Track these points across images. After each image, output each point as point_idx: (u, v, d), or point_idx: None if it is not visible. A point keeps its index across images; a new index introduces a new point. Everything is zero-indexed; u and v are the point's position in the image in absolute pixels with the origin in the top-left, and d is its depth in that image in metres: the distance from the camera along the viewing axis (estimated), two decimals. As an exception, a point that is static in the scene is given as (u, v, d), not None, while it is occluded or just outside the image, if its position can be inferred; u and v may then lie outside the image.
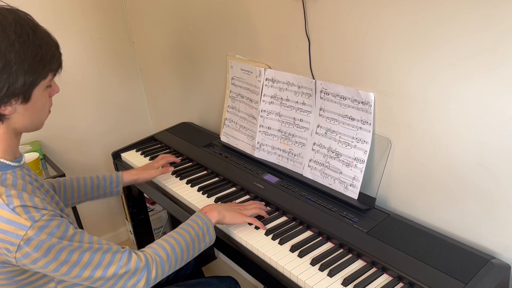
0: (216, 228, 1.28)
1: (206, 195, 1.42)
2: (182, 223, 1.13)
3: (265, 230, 1.21)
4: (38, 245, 0.85)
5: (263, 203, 1.34)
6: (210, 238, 1.14)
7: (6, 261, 0.89)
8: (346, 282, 1.01)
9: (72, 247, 0.89)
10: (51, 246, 0.86)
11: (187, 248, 1.07)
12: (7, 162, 0.93)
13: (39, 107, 0.93)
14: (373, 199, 1.24)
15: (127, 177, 1.46)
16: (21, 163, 0.97)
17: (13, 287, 0.93)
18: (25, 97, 0.88)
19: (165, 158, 1.59)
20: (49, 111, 0.99)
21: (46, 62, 0.88)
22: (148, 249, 1.04)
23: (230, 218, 1.20)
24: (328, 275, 1.04)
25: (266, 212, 1.28)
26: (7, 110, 0.88)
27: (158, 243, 1.05)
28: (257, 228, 1.22)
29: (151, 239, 2.10)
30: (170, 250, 1.04)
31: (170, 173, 1.57)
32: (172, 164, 1.63)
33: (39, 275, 0.96)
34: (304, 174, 1.42)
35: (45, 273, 0.91)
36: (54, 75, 0.94)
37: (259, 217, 1.27)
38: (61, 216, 0.92)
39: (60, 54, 0.94)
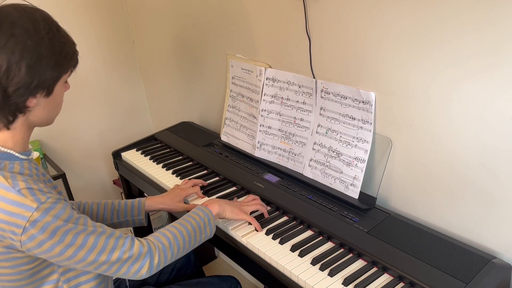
0: (216, 228, 1.27)
1: (206, 194, 1.42)
2: (184, 215, 1.14)
3: (262, 231, 1.21)
4: (44, 226, 0.86)
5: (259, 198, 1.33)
6: (211, 230, 1.15)
7: (11, 246, 0.89)
8: (346, 281, 1.01)
9: (77, 229, 0.90)
10: (56, 228, 0.87)
11: (189, 237, 1.08)
12: (16, 154, 0.95)
13: (57, 102, 0.97)
14: (374, 199, 1.24)
15: (151, 205, 1.34)
16: (30, 157, 0.99)
17: (17, 277, 0.93)
18: (49, 91, 0.92)
19: (193, 190, 1.41)
20: (61, 108, 1.02)
21: (69, 58, 0.94)
22: (151, 237, 1.05)
23: (230, 212, 1.21)
24: (328, 274, 1.04)
25: (266, 210, 1.28)
26: (32, 102, 0.91)
27: (160, 232, 1.06)
28: (257, 230, 1.22)
29: (151, 239, 2.09)
30: (172, 238, 1.05)
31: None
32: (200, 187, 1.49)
33: (43, 265, 0.96)
34: (304, 174, 1.41)
35: (49, 258, 0.91)
36: (71, 71, 0.98)
37: (260, 216, 1.27)
38: (65, 201, 0.93)
39: (77, 51, 0.98)
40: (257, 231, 1.22)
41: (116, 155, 1.81)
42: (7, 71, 0.84)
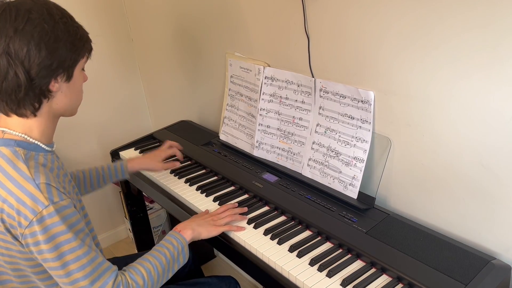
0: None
1: (204, 194, 1.41)
2: (157, 244, 1.13)
3: (243, 231, 1.21)
4: (47, 227, 0.88)
5: (236, 204, 1.31)
6: (184, 258, 1.14)
7: (16, 236, 0.92)
8: (345, 282, 1.00)
9: (75, 243, 0.91)
10: (57, 234, 0.89)
11: (162, 271, 1.07)
12: (42, 145, 1.00)
13: (78, 88, 1.03)
14: (373, 199, 1.23)
15: (133, 166, 1.49)
16: (53, 149, 1.05)
17: (32, 263, 0.96)
18: (69, 75, 0.97)
19: (172, 147, 1.59)
20: (82, 98, 1.08)
21: (84, 41, 0.99)
22: (128, 273, 1.02)
23: (206, 232, 1.19)
24: (327, 275, 1.03)
25: (240, 213, 1.27)
26: (55, 87, 0.96)
27: (135, 268, 1.04)
28: (256, 227, 1.21)
29: (149, 238, 2.09)
30: (146, 275, 1.03)
31: (172, 169, 1.57)
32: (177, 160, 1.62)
33: None
34: (303, 173, 1.41)
35: (40, 260, 0.93)
36: (87, 58, 1.04)
37: (259, 216, 1.26)
38: (75, 208, 0.96)
39: (91, 40, 1.03)
40: (256, 228, 1.22)
41: (114, 154, 1.81)
42: (28, 53, 0.89)
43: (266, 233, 1.19)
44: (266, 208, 1.32)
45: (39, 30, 0.89)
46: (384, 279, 1.02)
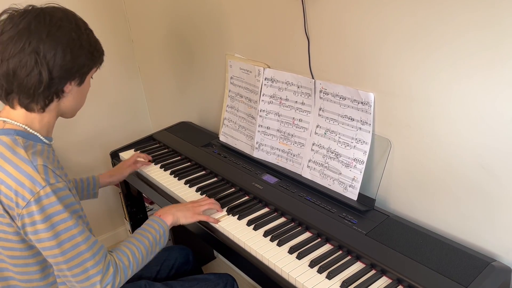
0: (213, 229, 1.27)
1: (204, 195, 1.41)
2: (139, 228, 1.19)
3: (217, 223, 1.26)
4: (44, 207, 0.93)
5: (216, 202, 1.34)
6: (165, 240, 1.20)
7: (14, 217, 0.96)
8: (345, 284, 1.00)
9: (70, 222, 0.96)
10: (54, 213, 0.94)
11: (146, 253, 1.13)
12: (41, 136, 1.05)
13: (84, 93, 1.12)
14: (373, 200, 1.23)
15: (103, 179, 1.54)
16: (51, 143, 1.09)
17: (27, 253, 1.00)
18: (81, 80, 1.06)
19: (134, 157, 1.64)
20: (84, 103, 1.15)
21: (100, 53, 1.10)
22: (115, 254, 1.08)
23: (183, 218, 1.25)
24: (326, 277, 1.03)
25: (219, 206, 1.32)
26: (68, 88, 1.04)
27: (121, 250, 1.10)
28: (256, 228, 1.21)
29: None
30: (131, 256, 1.09)
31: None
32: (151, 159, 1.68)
33: None
34: (303, 175, 1.40)
35: (35, 242, 0.96)
36: (97, 69, 1.12)
37: (257, 219, 1.26)
38: (70, 191, 1.01)
39: (104, 53, 1.14)
40: (257, 229, 1.22)
41: (114, 155, 1.81)
42: (54, 55, 0.97)
43: (266, 234, 1.19)
44: (266, 210, 1.32)
45: (68, 38, 0.99)
46: (384, 281, 1.02)
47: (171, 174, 1.56)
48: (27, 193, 0.92)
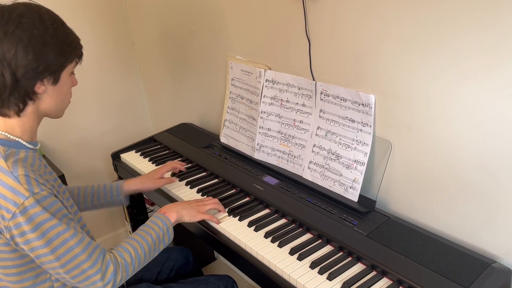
0: (214, 230, 1.27)
1: (205, 196, 1.42)
2: (143, 225, 1.17)
3: (218, 224, 1.26)
4: (31, 217, 0.90)
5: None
6: (169, 238, 1.18)
7: (1, 230, 0.93)
8: (345, 285, 1.00)
9: (60, 228, 0.94)
10: (42, 221, 0.91)
11: (149, 250, 1.11)
12: (23, 142, 1.00)
13: (64, 92, 1.04)
14: (373, 202, 1.23)
15: (129, 186, 1.43)
16: (36, 147, 1.04)
17: (17, 262, 0.98)
18: (55, 78, 0.99)
19: (171, 165, 1.53)
20: (69, 102, 1.08)
21: (73, 47, 1.02)
22: (115, 251, 1.07)
23: (188, 216, 1.24)
24: (327, 278, 1.03)
25: (223, 208, 1.32)
26: (40, 89, 0.98)
27: (122, 246, 1.08)
28: (257, 229, 1.22)
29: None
30: (134, 253, 1.08)
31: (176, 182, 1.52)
32: (176, 174, 1.57)
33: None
34: (304, 176, 1.41)
35: (29, 251, 0.94)
36: (77, 63, 1.05)
37: (257, 220, 1.26)
38: (56, 197, 0.97)
39: (82, 46, 1.06)
40: (257, 230, 1.23)
41: (115, 156, 1.81)
42: (15, 55, 0.91)
43: (266, 236, 1.20)
44: (266, 211, 1.32)
45: (28, 35, 0.92)
46: (384, 282, 1.02)
47: (172, 175, 1.57)
48: (10, 205, 0.90)
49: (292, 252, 1.12)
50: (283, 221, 1.27)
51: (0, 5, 0.94)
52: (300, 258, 1.10)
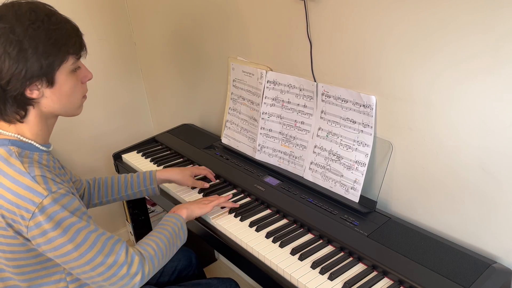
0: (215, 230, 1.28)
1: (206, 196, 1.42)
2: (157, 226, 1.16)
3: (234, 209, 1.31)
4: (51, 215, 0.89)
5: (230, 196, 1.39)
6: (184, 234, 1.18)
7: (19, 231, 0.92)
8: (346, 285, 1.01)
9: (81, 224, 0.93)
10: (62, 219, 0.91)
11: (169, 244, 1.11)
12: (37, 144, 0.99)
13: (67, 92, 0.99)
14: (374, 202, 1.23)
15: (161, 174, 1.42)
16: (49, 149, 1.03)
17: (27, 262, 0.97)
18: (49, 80, 0.94)
19: (206, 171, 1.51)
20: (85, 97, 1.06)
21: (61, 45, 0.93)
22: (138, 246, 1.06)
23: (198, 210, 1.25)
24: (328, 278, 1.04)
25: (233, 203, 1.34)
26: (34, 94, 0.94)
27: (143, 242, 1.08)
28: (258, 230, 1.22)
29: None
30: (156, 246, 1.07)
31: (201, 188, 1.47)
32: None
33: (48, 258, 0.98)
34: (305, 177, 1.41)
35: (49, 251, 0.93)
36: (77, 59, 0.99)
37: (258, 221, 1.27)
38: (74, 195, 0.96)
39: (78, 37, 0.99)
40: (257, 228, 1.24)
41: (117, 157, 1.82)
42: None
43: (268, 236, 1.20)
44: (268, 211, 1.33)
45: (3, 41, 0.88)
46: (385, 282, 1.03)
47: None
48: (30, 205, 0.89)
49: (293, 252, 1.13)
50: (284, 221, 1.27)
51: None
52: (301, 258, 1.11)
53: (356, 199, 1.26)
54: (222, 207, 1.34)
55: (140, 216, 1.99)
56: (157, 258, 1.05)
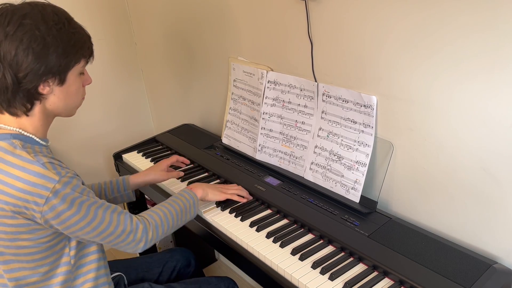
0: (216, 230, 1.28)
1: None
2: (171, 196, 1.24)
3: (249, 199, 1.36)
4: (64, 197, 0.95)
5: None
6: (194, 211, 1.25)
7: (32, 217, 0.96)
8: (347, 285, 1.01)
9: (90, 201, 1.00)
10: (74, 198, 0.96)
11: (176, 217, 1.18)
12: (37, 139, 1.03)
13: (73, 92, 1.04)
14: (375, 203, 1.23)
15: (134, 179, 1.43)
16: (48, 144, 1.07)
17: (36, 249, 1.00)
18: (61, 79, 1.00)
19: (175, 158, 1.55)
20: (83, 99, 1.10)
21: (78, 48, 1.01)
22: (145, 214, 1.14)
23: (212, 195, 1.31)
24: (329, 278, 1.04)
25: (247, 193, 1.38)
26: (45, 90, 0.98)
27: (152, 210, 1.16)
28: (259, 230, 1.22)
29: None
30: (163, 216, 1.15)
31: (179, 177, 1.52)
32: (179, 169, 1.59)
33: (58, 239, 1.03)
34: (305, 177, 1.41)
35: (64, 229, 0.98)
36: (86, 62, 1.06)
37: (260, 220, 1.27)
38: (78, 176, 1.03)
39: (91, 44, 1.07)
40: (254, 227, 1.24)
41: (117, 156, 1.82)
42: (15, 57, 0.92)
43: (268, 236, 1.20)
44: (268, 211, 1.33)
45: (29, 36, 0.92)
46: (386, 282, 1.03)
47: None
48: (43, 191, 0.92)
49: (294, 252, 1.13)
50: (285, 221, 1.27)
51: (6, 6, 0.95)
52: (302, 258, 1.11)
53: (356, 199, 1.26)
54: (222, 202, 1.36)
55: (140, 216, 1.99)
56: (162, 228, 1.13)
